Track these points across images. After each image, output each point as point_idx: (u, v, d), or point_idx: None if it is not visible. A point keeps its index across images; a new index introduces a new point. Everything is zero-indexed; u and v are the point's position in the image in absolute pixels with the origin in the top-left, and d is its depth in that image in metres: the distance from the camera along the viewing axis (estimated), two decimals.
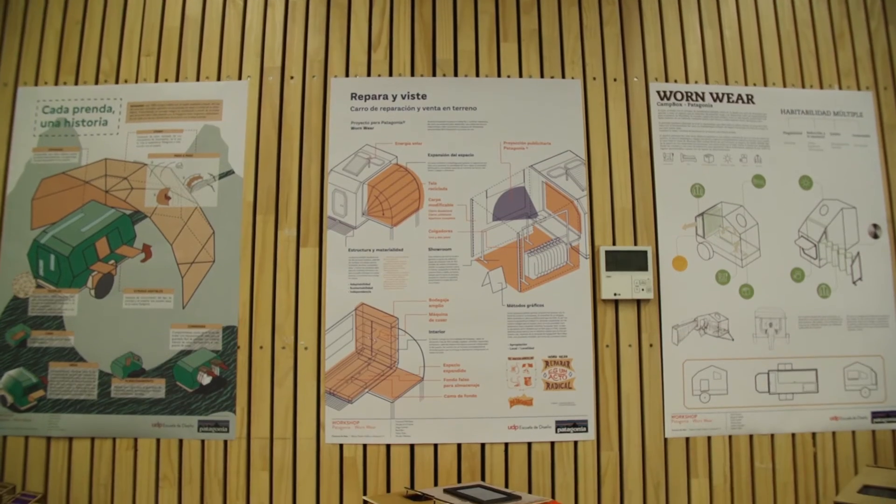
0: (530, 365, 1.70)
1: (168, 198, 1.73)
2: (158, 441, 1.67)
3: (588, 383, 1.71)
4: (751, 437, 1.73)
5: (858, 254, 1.80)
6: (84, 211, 1.72)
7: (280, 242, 1.72)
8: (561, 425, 1.69)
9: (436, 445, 1.68)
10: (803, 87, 1.88)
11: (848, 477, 1.72)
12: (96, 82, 1.79)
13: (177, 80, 1.79)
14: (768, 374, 1.74)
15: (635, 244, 1.76)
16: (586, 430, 1.70)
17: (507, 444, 1.69)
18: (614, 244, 1.75)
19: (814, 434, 1.74)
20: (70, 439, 1.67)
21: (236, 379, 1.68)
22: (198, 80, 1.79)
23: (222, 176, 1.74)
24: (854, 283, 1.79)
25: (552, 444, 1.69)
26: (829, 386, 1.75)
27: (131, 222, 1.72)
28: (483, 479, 1.67)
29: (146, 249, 1.71)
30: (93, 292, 1.70)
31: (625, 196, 1.78)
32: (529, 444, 1.69)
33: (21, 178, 1.73)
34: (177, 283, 1.70)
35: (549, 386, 1.70)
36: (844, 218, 1.81)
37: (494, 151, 1.76)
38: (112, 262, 1.70)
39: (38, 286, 1.70)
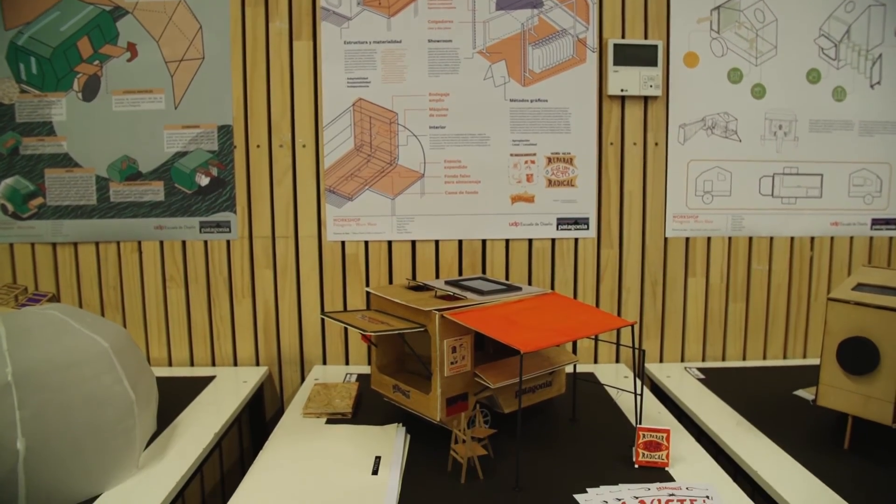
0: (532, 161, 1.68)
1: None
2: (162, 243, 1.68)
3: (591, 181, 1.69)
4: (750, 239, 1.73)
5: (881, 56, 1.71)
6: (60, 8, 1.61)
7: (272, 36, 1.63)
8: (562, 222, 1.69)
9: (437, 242, 1.69)
10: None
11: (842, 281, 1.74)
12: None
13: None
14: (773, 177, 1.72)
15: (646, 38, 1.66)
16: (587, 228, 1.70)
17: (507, 241, 1.70)
18: (623, 37, 1.65)
19: (812, 238, 1.75)
20: (75, 244, 1.68)
21: (234, 179, 1.66)
22: None
23: None
24: (871, 86, 1.72)
25: (553, 240, 1.70)
26: (832, 191, 1.73)
27: (112, 19, 1.62)
28: (484, 273, 1.70)
29: (131, 48, 1.62)
30: (80, 95, 1.63)
31: None
32: (530, 240, 1.70)
33: None
34: (166, 82, 1.63)
35: (551, 183, 1.68)
36: (871, 16, 1.70)
37: None
38: (97, 62, 1.63)
39: (23, 91, 1.63)
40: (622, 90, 1.64)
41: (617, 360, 1.76)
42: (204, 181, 1.66)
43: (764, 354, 1.77)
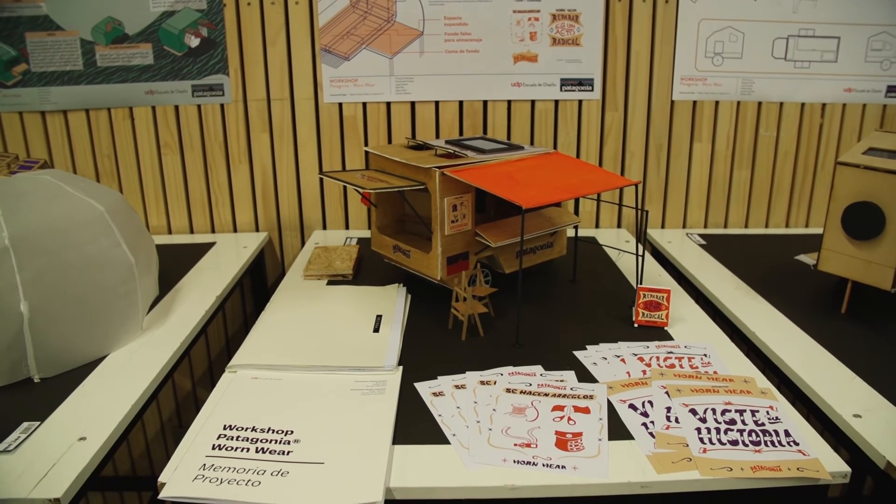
0: (536, 19, 1.59)
1: None
2: (154, 109, 1.63)
3: (596, 40, 1.61)
4: (759, 104, 1.68)
5: None
6: None
7: None
8: (566, 83, 1.64)
9: (437, 103, 1.64)
10: None
11: (850, 149, 1.71)
12: None
13: None
14: (787, 39, 1.64)
15: None
16: (592, 90, 1.64)
17: (509, 102, 1.65)
18: None
19: (824, 105, 1.69)
20: (65, 112, 1.63)
21: (226, 39, 1.59)
22: None
23: None
24: None
25: (556, 102, 1.65)
26: (848, 56, 1.66)
27: None
28: (485, 134, 1.67)
29: None
30: None
31: None
32: (533, 101, 1.65)
33: None
34: None
35: (555, 42, 1.61)
36: None
37: None
38: None
39: None
40: None
41: (618, 226, 1.76)
42: (194, 42, 1.59)
43: (766, 222, 1.77)
